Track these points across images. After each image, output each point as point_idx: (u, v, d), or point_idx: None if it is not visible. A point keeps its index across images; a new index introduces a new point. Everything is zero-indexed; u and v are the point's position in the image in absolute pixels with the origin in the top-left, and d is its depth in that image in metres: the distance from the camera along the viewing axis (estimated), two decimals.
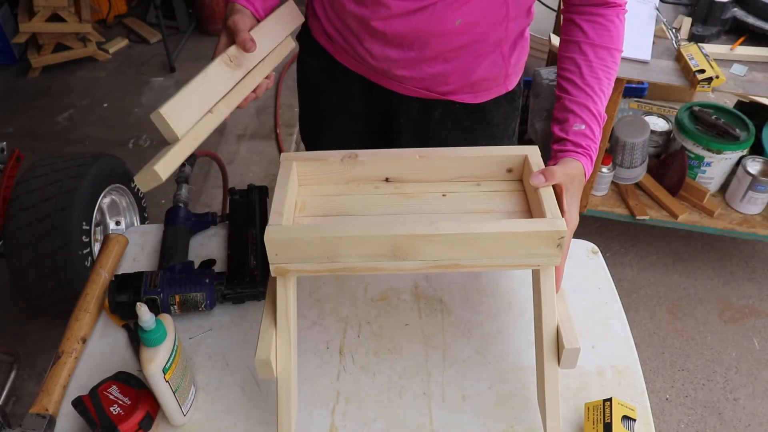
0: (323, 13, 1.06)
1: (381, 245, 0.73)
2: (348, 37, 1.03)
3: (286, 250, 0.73)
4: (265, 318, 0.79)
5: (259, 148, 2.69)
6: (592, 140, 0.89)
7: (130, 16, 3.58)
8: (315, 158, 0.87)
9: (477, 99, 1.08)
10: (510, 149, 0.89)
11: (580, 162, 0.87)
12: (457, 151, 0.88)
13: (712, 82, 1.63)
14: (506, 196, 0.88)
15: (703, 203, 2.06)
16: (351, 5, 0.97)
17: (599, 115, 0.91)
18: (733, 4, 1.81)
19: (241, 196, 1.13)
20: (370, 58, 1.02)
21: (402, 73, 1.03)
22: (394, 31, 0.95)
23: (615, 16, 0.92)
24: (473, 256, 0.75)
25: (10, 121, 2.86)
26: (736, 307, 2.09)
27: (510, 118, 1.15)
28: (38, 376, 1.85)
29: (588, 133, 0.89)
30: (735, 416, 1.80)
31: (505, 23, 0.97)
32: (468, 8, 0.92)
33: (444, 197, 0.87)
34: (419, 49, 0.98)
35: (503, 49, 1.02)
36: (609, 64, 0.92)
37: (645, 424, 0.84)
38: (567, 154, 0.88)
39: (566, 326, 0.78)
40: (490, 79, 1.05)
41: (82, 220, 1.74)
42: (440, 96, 1.06)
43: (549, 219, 0.75)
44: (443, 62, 1.00)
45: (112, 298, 0.93)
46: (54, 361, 0.89)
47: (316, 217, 0.84)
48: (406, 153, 0.88)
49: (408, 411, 0.85)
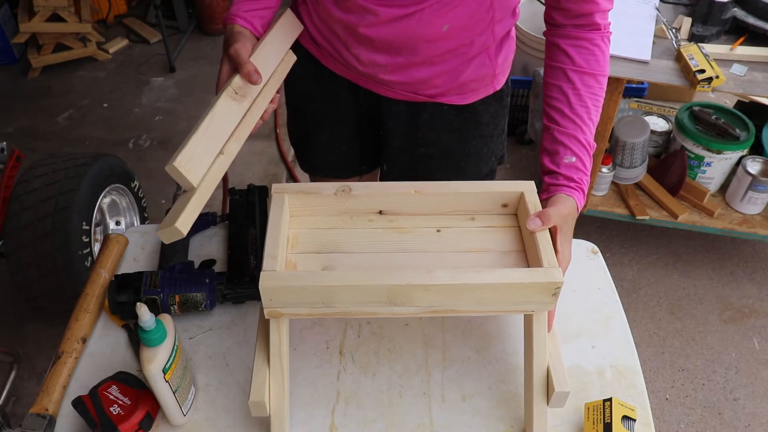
0: (309, 20, 1.05)
1: (377, 294, 0.74)
2: (334, 42, 1.03)
3: (280, 296, 0.73)
4: (258, 357, 0.78)
5: (259, 148, 2.69)
6: (584, 173, 0.88)
7: (130, 16, 3.57)
8: (308, 191, 0.86)
9: (465, 100, 1.07)
10: (506, 185, 0.88)
11: (573, 198, 0.86)
12: (452, 186, 0.88)
13: (712, 82, 1.63)
14: (501, 233, 0.87)
15: (703, 203, 2.05)
16: (337, 12, 0.96)
17: (589, 146, 0.90)
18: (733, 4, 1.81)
19: (241, 196, 1.13)
20: (357, 64, 1.02)
21: (389, 78, 1.02)
22: (381, 37, 0.95)
23: (600, 40, 0.91)
24: (468, 304, 0.76)
25: (10, 121, 2.86)
26: (736, 307, 2.09)
27: (499, 117, 1.14)
28: (38, 376, 1.85)
29: (579, 165, 0.88)
30: (735, 416, 1.80)
31: (491, 26, 0.97)
32: (454, 13, 0.92)
33: (438, 233, 0.87)
34: (407, 55, 0.98)
35: (490, 51, 1.02)
36: (596, 91, 0.91)
37: (645, 424, 0.84)
38: (560, 189, 0.87)
39: (557, 368, 0.78)
40: (478, 80, 1.05)
41: (82, 220, 1.74)
42: (428, 98, 1.06)
43: (545, 269, 0.76)
44: (431, 66, 1.00)
45: (112, 298, 0.93)
46: (54, 361, 0.89)
47: (308, 253, 0.83)
48: (401, 187, 0.87)
49: (408, 411, 0.85)
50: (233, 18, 0.94)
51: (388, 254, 0.84)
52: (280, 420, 0.79)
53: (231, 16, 0.95)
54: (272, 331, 0.77)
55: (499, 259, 0.83)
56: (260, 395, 0.75)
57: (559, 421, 0.84)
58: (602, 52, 0.92)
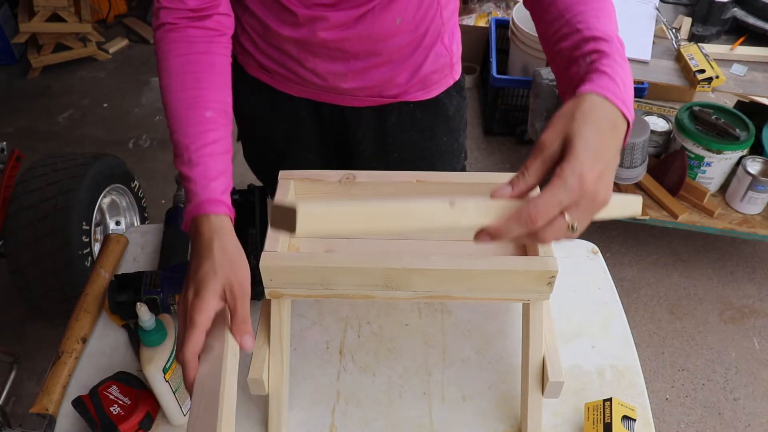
0: (254, 47, 1.00)
1: (374, 276, 0.75)
2: (288, 63, 0.98)
3: (280, 276, 0.75)
4: (259, 337, 0.80)
5: None
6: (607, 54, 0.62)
7: (130, 16, 3.57)
8: (313, 178, 0.87)
9: (429, 94, 1.06)
10: (508, 177, 0.87)
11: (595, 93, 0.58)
12: (455, 176, 0.88)
13: (712, 82, 1.63)
14: None
15: (703, 203, 2.05)
16: (286, 30, 0.92)
17: (606, 36, 0.65)
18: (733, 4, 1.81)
19: (241, 196, 1.13)
20: (315, 78, 0.98)
21: (351, 85, 0.99)
22: (336, 43, 0.92)
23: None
24: (464, 290, 0.76)
25: (10, 121, 2.86)
26: (736, 307, 2.09)
27: (462, 109, 1.13)
28: (38, 376, 1.85)
29: (594, 57, 0.63)
30: (735, 416, 1.80)
31: (439, 11, 0.95)
32: (402, 4, 0.89)
33: None
34: (365, 57, 0.95)
35: (444, 38, 1.00)
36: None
37: (645, 424, 0.84)
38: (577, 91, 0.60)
39: (552, 359, 0.79)
40: (438, 71, 1.03)
41: (82, 220, 1.74)
42: (393, 99, 1.03)
43: (541, 258, 0.76)
44: (390, 64, 0.97)
45: (112, 298, 0.93)
46: (54, 361, 0.89)
47: (311, 238, 0.85)
48: (404, 176, 0.88)
49: (408, 411, 0.85)
50: (215, 204, 0.73)
51: (389, 241, 0.85)
52: (278, 399, 0.80)
53: (210, 202, 0.73)
54: (273, 311, 0.79)
55: (498, 248, 0.84)
56: (259, 373, 0.76)
57: (559, 421, 0.84)
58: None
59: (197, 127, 0.77)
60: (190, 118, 0.77)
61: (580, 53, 0.65)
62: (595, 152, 0.55)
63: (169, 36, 0.80)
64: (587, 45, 0.64)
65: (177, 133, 0.77)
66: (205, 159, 0.75)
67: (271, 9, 0.91)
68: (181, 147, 0.76)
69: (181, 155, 0.76)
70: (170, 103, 0.79)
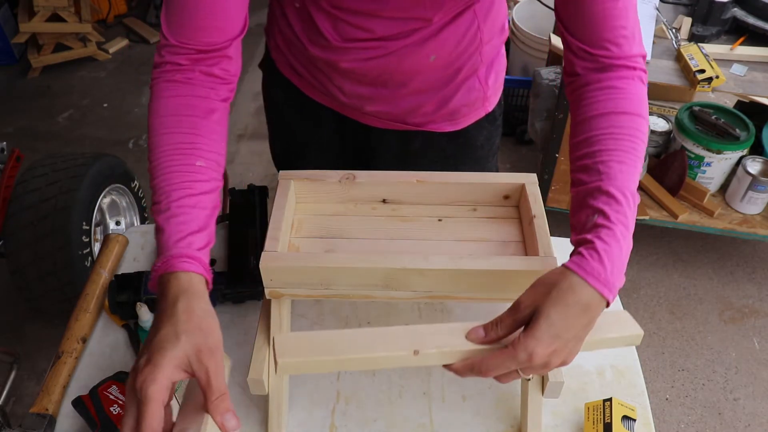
0: (287, 49, 0.98)
1: (374, 276, 0.75)
2: (316, 74, 0.97)
3: (280, 276, 0.75)
4: (259, 337, 0.79)
5: (259, 148, 2.69)
6: (606, 227, 0.63)
7: (130, 16, 3.57)
8: (313, 178, 0.87)
9: (457, 126, 1.02)
10: (508, 177, 0.88)
11: (574, 273, 0.61)
12: (455, 176, 0.88)
13: (712, 82, 1.63)
14: (502, 224, 0.87)
15: (703, 203, 2.05)
16: (315, 50, 0.90)
17: (621, 192, 0.65)
18: (733, 4, 1.81)
19: (241, 196, 1.13)
20: (340, 95, 0.96)
21: (375, 109, 0.97)
22: (365, 71, 0.90)
23: (630, 79, 0.72)
24: (464, 290, 0.76)
25: (10, 121, 2.86)
26: (736, 307, 2.09)
27: (493, 137, 1.09)
28: (38, 376, 1.85)
29: (601, 220, 0.64)
30: (735, 416, 1.80)
31: (479, 48, 0.91)
32: (439, 41, 0.85)
33: (440, 222, 0.87)
34: (393, 87, 0.92)
35: (480, 73, 0.96)
36: (629, 131, 0.69)
37: (645, 424, 0.84)
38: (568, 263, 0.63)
39: None
40: (469, 105, 0.99)
41: (82, 220, 1.74)
42: (417, 127, 1.00)
43: (541, 258, 0.76)
44: (418, 95, 0.94)
45: (112, 298, 0.93)
46: (54, 361, 0.89)
47: (311, 238, 0.84)
48: (404, 176, 0.88)
49: (408, 411, 0.85)
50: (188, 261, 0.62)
51: (389, 241, 0.84)
52: (278, 399, 0.80)
53: (182, 258, 0.62)
54: (273, 311, 0.79)
55: (498, 249, 0.84)
56: (259, 373, 0.75)
57: (559, 421, 0.84)
58: (635, 90, 0.71)
59: (185, 175, 0.67)
60: (178, 164, 0.68)
61: (590, 206, 0.66)
62: (556, 333, 0.60)
63: (169, 76, 0.72)
64: (599, 200, 0.65)
65: (159, 179, 0.67)
66: (187, 210, 0.65)
67: (307, 27, 0.89)
68: (162, 193, 0.66)
69: (159, 202, 0.66)
70: (158, 145, 0.68)
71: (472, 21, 0.87)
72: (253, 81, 3.01)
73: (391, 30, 0.84)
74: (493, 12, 0.90)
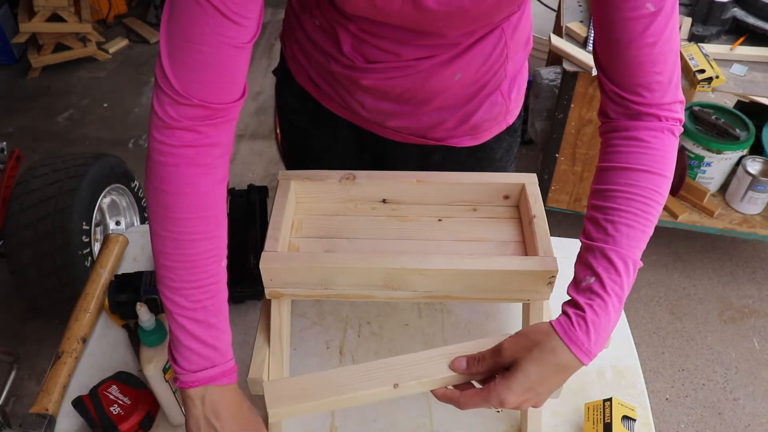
0: (306, 60, 0.95)
1: (373, 276, 0.75)
2: (336, 87, 0.94)
3: (280, 276, 0.75)
4: (259, 337, 0.80)
5: (259, 148, 2.69)
6: (599, 296, 0.65)
7: (130, 16, 3.57)
8: (313, 178, 0.87)
9: (478, 140, 1.00)
10: (508, 177, 0.88)
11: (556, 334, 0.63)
12: (455, 176, 0.88)
13: (712, 82, 1.63)
14: (502, 224, 0.87)
15: (703, 203, 2.05)
16: (336, 67, 0.88)
17: (621, 260, 0.67)
18: (733, 4, 1.81)
19: (241, 197, 1.13)
20: (361, 110, 0.94)
21: (396, 124, 0.96)
22: (388, 89, 0.88)
23: (659, 131, 0.71)
24: (463, 290, 0.76)
25: (10, 121, 2.86)
26: (736, 307, 2.09)
27: (512, 148, 1.07)
28: (38, 376, 1.85)
29: (596, 286, 0.65)
30: (735, 416, 1.80)
31: (504, 64, 0.89)
32: (465, 60, 0.84)
33: (440, 222, 0.87)
34: (416, 104, 0.91)
35: (503, 88, 0.94)
36: (645, 192, 0.68)
37: (645, 424, 0.84)
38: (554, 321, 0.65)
39: None
40: (491, 120, 0.98)
41: (82, 220, 1.74)
42: (437, 142, 0.99)
43: (540, 258, 0.76)
44: (440, 111, 0.93)
45: (112, 298, 0.93)
46: (54, 361, 0.89)
47: (311, 238, 0.84)
48: (404, 176, 0.88)
49: (408, 411, 0.85)
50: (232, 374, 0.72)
51: (389, 241, 0.84)
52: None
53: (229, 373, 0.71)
54: (273, 311, 0.79)
55: (498, 249, 0.84)
56: (259, 373, 0.76)
57: (559, 421, 0.84)
58: (661, 146, 0.71)
59: (212, 278, 0.69)
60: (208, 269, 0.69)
61: (590, 266, 0.67)
62: (530, 387, 0.64)
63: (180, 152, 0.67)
64: (600, 264, 0.67)
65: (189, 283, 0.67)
66: (222, 321, 0.70)
67: (328, 44, 0.87)
68: (192, 299, 0.68)
69: (189, 308, 0.68)
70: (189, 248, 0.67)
71: (500, 39, 0.86)
72: (254, 81, 3.01)
73: (418, 54, 0.83)
74: (520, 27, 0.89)
